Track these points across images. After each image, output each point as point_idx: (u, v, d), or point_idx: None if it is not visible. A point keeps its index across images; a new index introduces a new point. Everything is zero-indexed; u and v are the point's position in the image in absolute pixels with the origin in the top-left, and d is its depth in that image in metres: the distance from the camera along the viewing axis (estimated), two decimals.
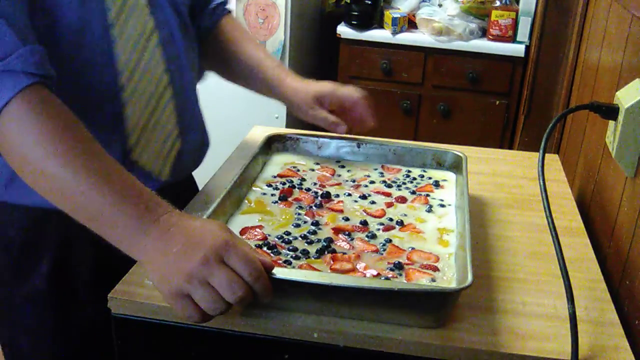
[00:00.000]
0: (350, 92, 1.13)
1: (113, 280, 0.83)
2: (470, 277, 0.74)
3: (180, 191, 1.07)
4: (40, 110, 0.76)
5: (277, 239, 0.89)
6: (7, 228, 0.99)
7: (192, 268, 0.68)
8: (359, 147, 1.15)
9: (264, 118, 2.45)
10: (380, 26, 2.62)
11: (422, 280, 0.81)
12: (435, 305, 0.76)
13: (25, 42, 0.78)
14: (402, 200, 1.02)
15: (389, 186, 1.06)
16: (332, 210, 0.98)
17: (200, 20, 1.15)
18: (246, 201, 0.99)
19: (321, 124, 1.12)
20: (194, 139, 1.09)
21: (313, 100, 1.12)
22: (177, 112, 1.02)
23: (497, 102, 2.57)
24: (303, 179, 1.08)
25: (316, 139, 1.16)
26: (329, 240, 0.89)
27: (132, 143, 0.97)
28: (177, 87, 1.02)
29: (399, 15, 2.54)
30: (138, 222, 0.73)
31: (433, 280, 0.81)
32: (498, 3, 2.51)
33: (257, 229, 0.91)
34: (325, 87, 1.13)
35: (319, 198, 1.01)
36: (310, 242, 0.88)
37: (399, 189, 1.06)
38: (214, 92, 1.27)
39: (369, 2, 2.56)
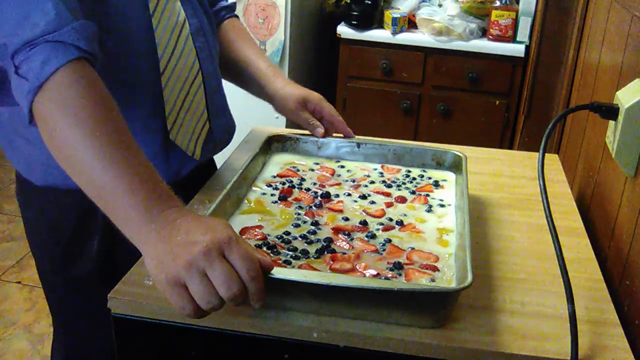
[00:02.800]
0: (332, 108, 1.20)
1: None
2: (470, 277, 0.74)
3: (202, 171, 1.16)
4: (82, 83, 0.79)
5: (276, 239, 0.89)
6: (57, 216, 1.05)
7: (193, 257, 0.68)
8: (358, 147, 1.15)
9: (264, 118, 2.44)
10: (380, 26, 2.61)
11: (421, 280, 0.81)
12: (435, 305, 0.76)
13: (79, 19, 0.82)
14: (402, 200, 1.02)
15: (389, 186, 1.06)
16: (332, 210, 0.98)
17: None
18: (246, 201, 0.99)
19: (302, 122, 1.18)
20: (220, 122, 1.17)
21: (299, 101, 1.18)
22: (206, 96, 1.11)
23: (497, 102, 2.57)
24: (303, 179, 1.08)
25: (316, 139, 1.16)
26: (329, 240, 0.89)
27: (171, 123, 1.04)
28: (206, 74, 1.11)
29: (399, 15, 2.53)
30: (146, 209, 0.73)
31: (433, 280, 0.81)
32: (498, 3, 2.51)
33: (257, 229, 0.91)
34: (312, 93, 1.20)
35: (319, 198, 1.01)
36: (310, 242, 0.88)
37: (399, 189, 1.06)
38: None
39: (369, 2, 2.56)
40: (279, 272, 0.74)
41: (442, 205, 1.01)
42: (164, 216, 0.73)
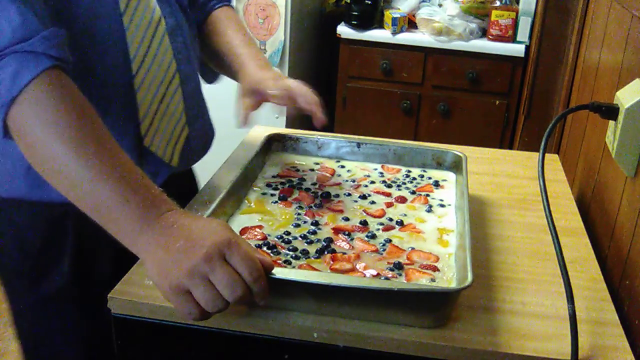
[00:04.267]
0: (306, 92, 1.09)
1: None
2: (470, 277, 0.74)
3: (181, 183, 1.09)
4: (58, 94, 0.76)
5: (277, 239, 0.89)
6: (25, 230, 1.00)
7: (194, 264, 0.68)
8: (359, 147, 1.15)
9: (264, 118, 2.44)
10: (380, 26, 2.62)
11: (421, 280, 0.81)
12: (435, 305, 0.76)
13: (47, 26, 0.78)
14: (402, 200, 1.02)
15: (389, 186, 1.06)
16: (332, 210, 0.98)
17: (197, 13, 1.16)
18: (246, 201, 0.99)
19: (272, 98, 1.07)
20: (200, 127, 1.11)
21: (274, 78, 1.08)
22: (185, 99, 1.05)
23: (497, 102, 2.57)
24: (303, 179, 1.08)
25: (316, 138, 1.16)
26: (329, 240, 0.89)
27: (145, 129, 0.98)
28: (184, 75, 1.05)
29: (399, 15, 2.54)
30: (142, 216, 0.73)
31: (433, 280, 0.81)
32: (498, 3, 2.51)
33: (257, 229, 0.91)
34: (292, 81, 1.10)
35: (319, 198, 1.01)
36: (310, 242, 0.88)
37: (399, 189, 1.06)
38: (214, 92, 1.28)
39: (369, 2, 2.56)
40: (279, 272, 0.74)
41: (442, 205, 1.01)
42: (160, 222, 0.73)
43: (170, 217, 0.73)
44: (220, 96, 1.37)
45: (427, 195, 1.04)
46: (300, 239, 0.89)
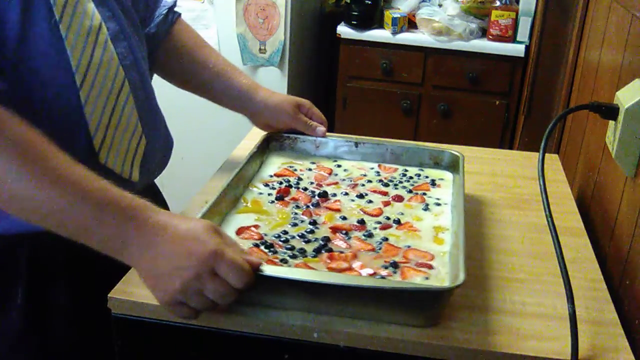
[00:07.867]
0: (320, 113, 1.19)
1: (88, 303, 0.82)
2: (462, 276, 0.74)
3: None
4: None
5: (274, 238, 0.89)
6: None
7: (185, 282, 0.71)
8: (356, 146, 1.15)
9: None
10: (380, 26, 2.61)
11: (416, 279, 0.81)
12: (427, 304, 0.75)
13: None
14: (399, 199, 1.02)
15: (386, 185, 1.06)
16: (330, 209, 0.98)
17: (151, 25, 1.11)
18: (242, 201, 0.99)
19: (301, 125, 1.16)
20: (158, 137, 1.05)
21: (295, 105, 1.16)
22: (138, 108, 0.98)
23: (497, 102, 2.57)
24: (300, 179, 1.07)
25: (314, 138, 1.16)
26: (326, 239, 0.88)
27: (98, 144, 0.91)
28: (134, 82, 0.97)
29: (399, 15, 2.53)
30: (121, 232, 0.72)
31: (427, 278, 0.81)
32: (498, 3, 2.51)
33: (253, 228, 0.91)
34: (303, 99, 1.18)
35: (316, 197, 1.01)
36: (308, 241, 0.88)
37: (396, 188, 1.06)
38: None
39: (369, 2, 2.56)
40: (272, 271, 0.75)
41: (439, 204, 1.01)
42: (142, 233, 0.73)
43: (152, 226, 0.73)
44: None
45: (424, 194, 1.04)
46: (298, 238, 0.89)
